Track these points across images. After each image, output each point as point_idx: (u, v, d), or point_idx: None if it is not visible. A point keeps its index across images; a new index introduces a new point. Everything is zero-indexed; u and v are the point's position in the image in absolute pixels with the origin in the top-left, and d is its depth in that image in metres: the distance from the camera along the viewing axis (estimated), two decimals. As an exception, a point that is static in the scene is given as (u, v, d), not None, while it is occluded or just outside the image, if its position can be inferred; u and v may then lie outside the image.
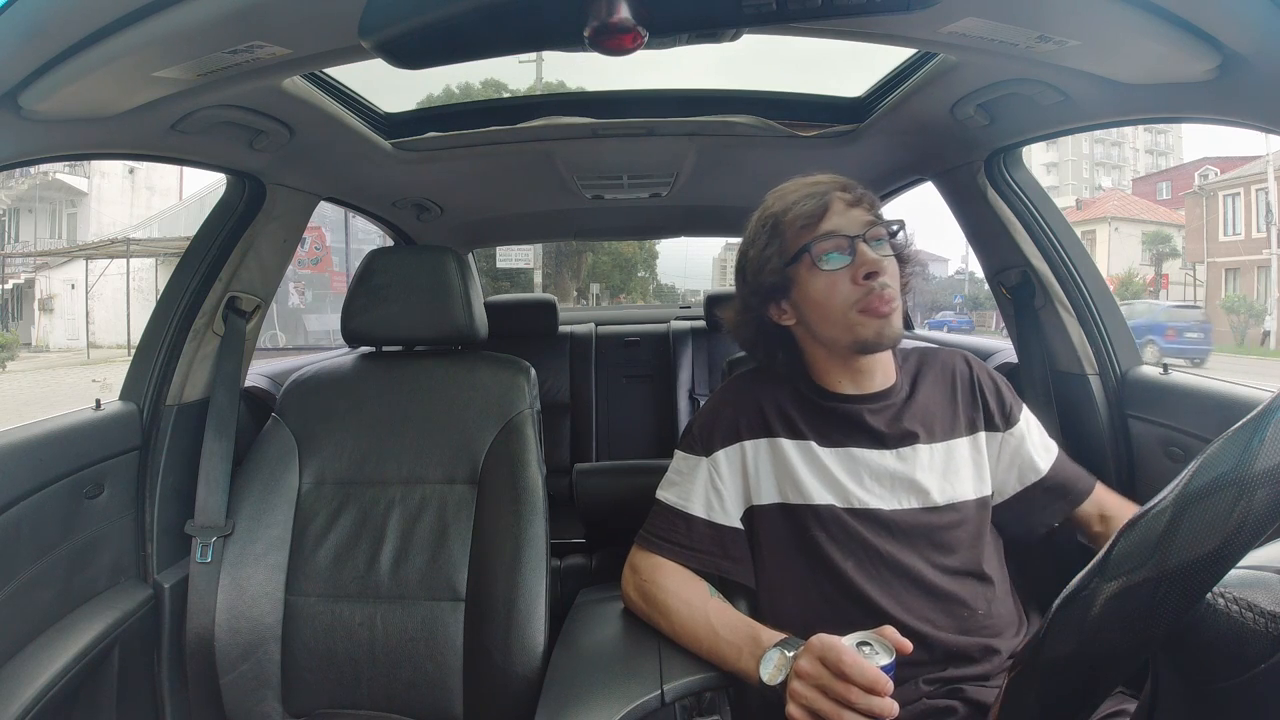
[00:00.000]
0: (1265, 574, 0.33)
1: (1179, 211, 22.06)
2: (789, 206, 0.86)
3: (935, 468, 0.86)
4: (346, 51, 0.79)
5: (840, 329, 0.84)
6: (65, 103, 0.75)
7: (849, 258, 0.83)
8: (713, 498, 0.89)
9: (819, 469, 0.86)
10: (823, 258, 0.83)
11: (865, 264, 0.82)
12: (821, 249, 0.83)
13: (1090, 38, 0.74)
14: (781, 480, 0.87)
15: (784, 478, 0.87)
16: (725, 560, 0.88)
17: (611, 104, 1.27)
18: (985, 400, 0.91)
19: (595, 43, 0.60)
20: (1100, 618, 0.32)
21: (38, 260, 16.96)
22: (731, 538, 0.88)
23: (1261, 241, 17.65)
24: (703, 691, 0.78)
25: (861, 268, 0.82)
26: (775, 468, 0.87)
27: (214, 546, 1.06)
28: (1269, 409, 0.32)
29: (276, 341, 11.95)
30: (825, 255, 0.83)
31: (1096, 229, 22.44)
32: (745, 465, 0.89)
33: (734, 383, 0.96)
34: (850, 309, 0.82)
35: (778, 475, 0.87)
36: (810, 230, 0.84)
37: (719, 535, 0.88)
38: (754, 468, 0.88)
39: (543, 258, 14.94)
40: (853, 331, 0.83)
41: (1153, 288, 21.32)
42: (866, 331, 0.82)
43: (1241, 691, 0.32)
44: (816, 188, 0.87)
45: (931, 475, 0.85)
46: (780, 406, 0.89)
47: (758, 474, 0.88)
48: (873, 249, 0.83)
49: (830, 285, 0.83)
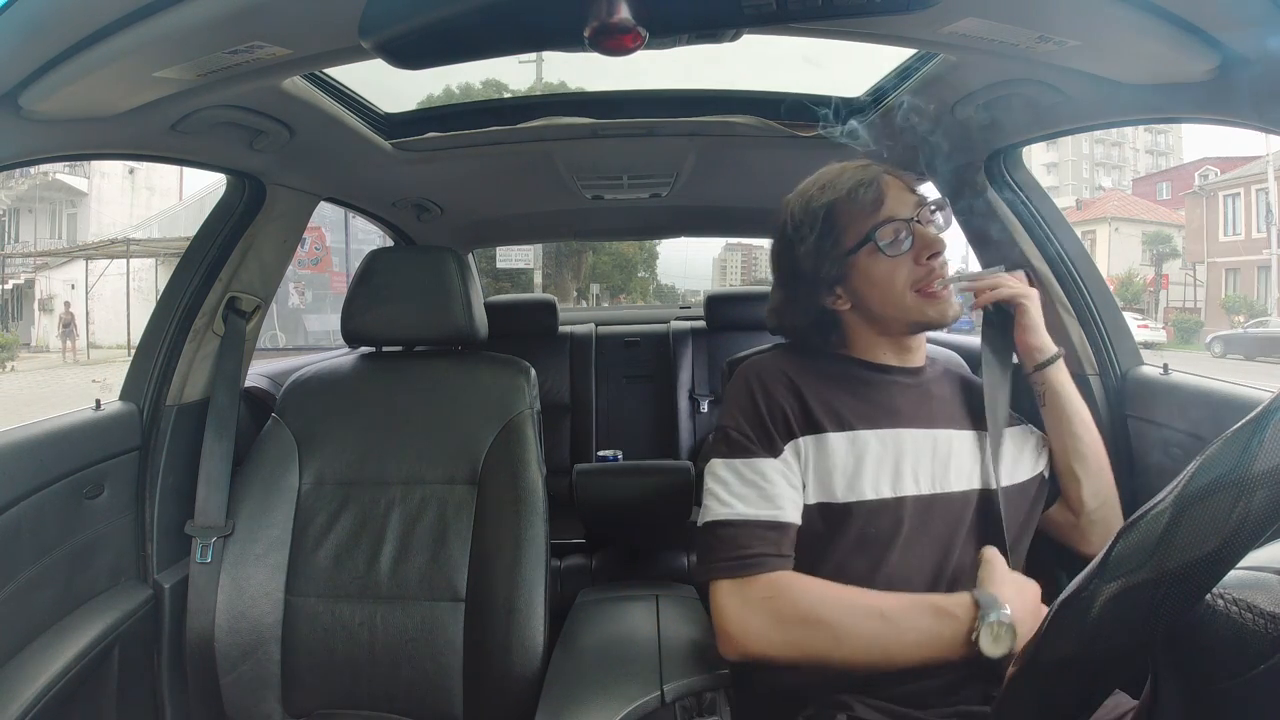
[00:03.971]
0: (1265, 575, 0.33)
1: (1179, 212, 22.05)
2: (843, 195, 0.86)
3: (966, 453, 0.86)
4: (346, 51, 0.79)
5: (900, 310, 0.85)
6: (65, 103, 0.75)
7: (909, 240, 0.84)
8: (796, 498, 0.81)
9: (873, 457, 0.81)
10: (888, 243, 0.84)
11: (927, 245, 0.84)
12: (885, 235, 0.84)
13: (1090, 38, 0.74)
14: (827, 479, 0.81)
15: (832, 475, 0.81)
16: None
17: (611, 104, 1.27)
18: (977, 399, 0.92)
19: (595, 43, 0.60)
20: (1100, 618, 0.32)
21: (38, 260, 16.95)
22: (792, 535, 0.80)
23: (1261, 241, 17.65)
24: (703, 691, 0.78)
25: (924, 250, 0.84)
26: (819, 467, 0.82)
27: (214, 547, 1.06)
28: (1268, 410, 0.32)
29: (276, 341, 11.94)
30: (889, 241, 0.84)
31: (1096, 229, 22.43)
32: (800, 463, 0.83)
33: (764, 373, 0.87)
34: (911, 291, 0.84)
35: (820, 474, 0.81)
36: (872, 217, 0.84)
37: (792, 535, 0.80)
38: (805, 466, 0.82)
39: (543, 258, 14.93)
40: (914, 313, 0.85)
41: (1153, 288, 21.31)
42: (929, 312, 0.84)
43: (1241, 692, 0.32)
44: (865, 173, 0.87)
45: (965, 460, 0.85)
46: (822, 396, 0.84)
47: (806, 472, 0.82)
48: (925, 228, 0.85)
49: (893, 269, 0.84)
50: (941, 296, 0.84)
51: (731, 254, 51.43)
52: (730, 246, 48.59)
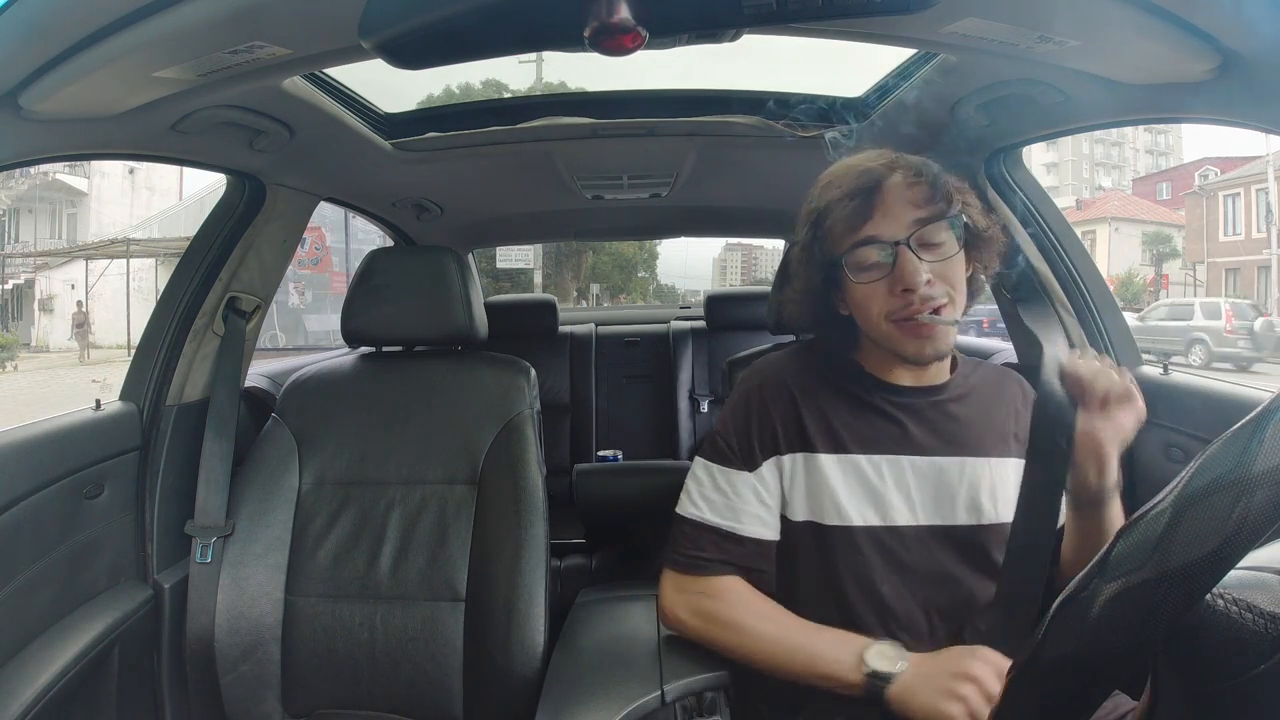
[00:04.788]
0: (1265, 575, 0.33)
1: (1179, 211, 22.07)
2: (831, 205, 0.78)
3: (983, 484, 0.80)
4: (346, 51, 0.79)
5: (878, 338, 0.79)
6: (65, 103, 0.75)
7: (891, 262, 0.75)
8: (763, 513, 0.81)
9: (863, 484, 0.79)
10: (857, 270, 0.77)
11: (903, 278, 0.74)
12: (857, 260, 0.77)
13: (1090, 38, 0.74)
14: (817, 498, 0.80)
15: (821, 496, 0.80)
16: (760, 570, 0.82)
17: (611, 104, 1.27)
18: None
19: (595, 43, 0.60)
20: (1099, 619, 0.32)
21: (38, 260, 16.95)
22: (768, 550, 0.82)
23: (1261, 241, 17.66)
24: (703, 692, 0.78)
25: (899, 283, 0.75)
26: (809, 485, 0.81)
27: (214, 547, 1.06)
28: (1268, 410, 0.32)
29: (276, 342, 11.94)
30: (860, 268, 0.77)
31: (1096, 229, 22.45)
32: (782, 479, 0.82)
33: (757, 388, 0.85)
34: (885, 321, 0.76)
35: (811, 493, 0.81)
36: (852, 234, 0.76)
37: (758, 549, 0.82)
38: (789, 482, 0.82)
39: (543, 258, 14.94)
40: (890, 344, 0.78)
41: (1153, 288, 21.32)
42: (905, 348, 0.77)
43: (1241, 693, 0.32)
44: (865, 178, 0.77)
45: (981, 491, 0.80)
46: (822, 413, 0.82)
47: (792, 489, 0.82)
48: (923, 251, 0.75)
49: (867, 296, 0.77)
50: (923, 333, 0.75)
51: (731, 254, 51.47)
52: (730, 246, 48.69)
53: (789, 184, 1.61)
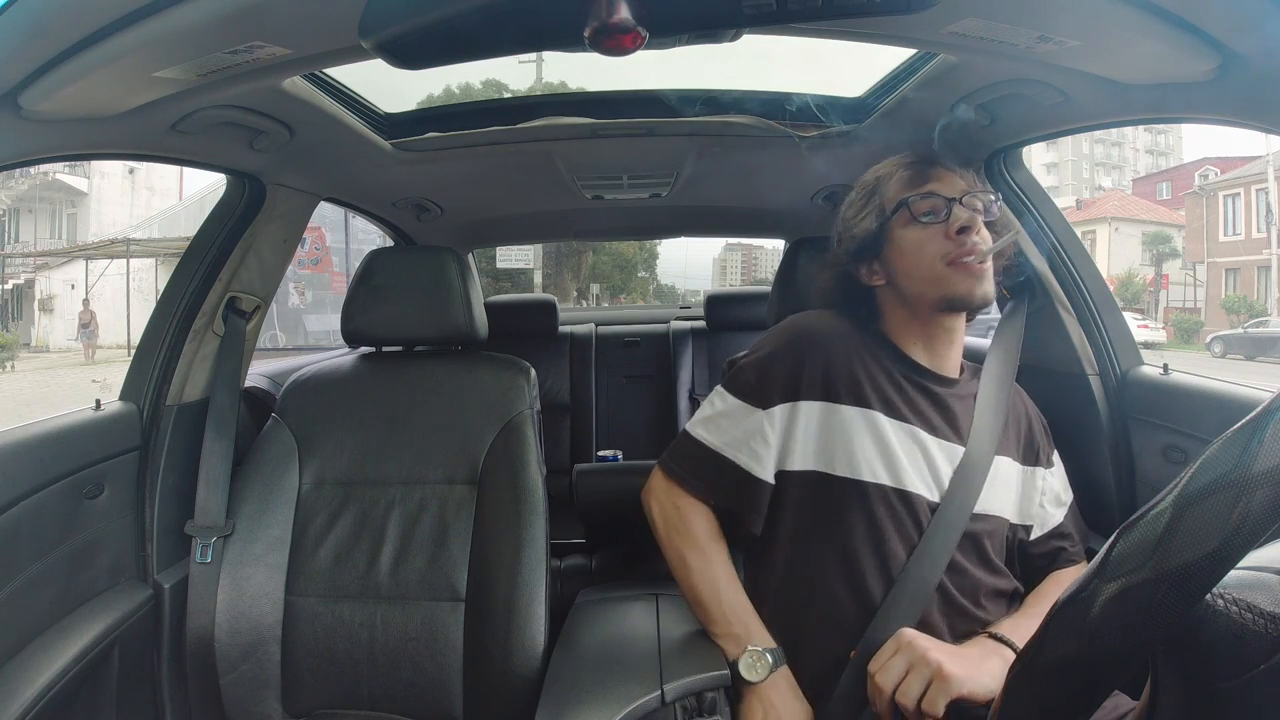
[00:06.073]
0: (1265, 575, 0.33)
1: (1179, 211, 22.06)
2: (893, 171, 0.89)
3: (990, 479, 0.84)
4: (346, 51, 0.79)
5: (929, 283, 0.85)
6: (65, 103, 0.75)
7: (946, 213, 0.85)
8: (759, 449, 0.86)
9: (880, 443, 0.82)
10: (921, 213, 0.85)
11: (958, 220, 0.84)
12: (919, 206, 0.85)
13: (1090, 38, 0.74)
14: (829, 448, 0.83)
15: (834, 445, 0.83)
16: (749, 511, 0.86)
17: (611, 104, 1.27)
18: (1033, 434, 0.92)
19: (595, 43, 0.60)
20: (1100, 619, 0.32)
21: (38, 260, 16.95)
22: (761, 490, 0.86)
23: (1261, 241, 17.65)
24: (703, 692, 0.78)
25: (955, 223, 0.83)
26: (823, 433, 0.84)
27: (214, 547, 1.06)
28: (1268, 410, 0.32)
29: (276, 342, 11.94)
30: (923, 212, 0.85)
31: (1096, 229, 22.44)
32: (793, 425, 0.85)
33: (797, 331, 0.91)
34: (940, 262, 0.83)
35: (824, 441, 0.84)
36: (913, 188, 0.87)
37: (751, 487, 0.86)
38: (801, 430, 0.85)
39: (543, 258, 14.94)
40: (943, 285, 0.84)
41: (1153, 288, 21.32)
42: (959, 287, 0.83)
43: (1241, 692, 0.32)
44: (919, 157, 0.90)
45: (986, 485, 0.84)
46: (849, 368, 0.85)
47: (803, 437, 0.85)
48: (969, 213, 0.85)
49: (923, 239, 0.85)
50: (974, 271, 0.83)
51: (731, 254, 51.44)
52: (730, 246, 48.64)
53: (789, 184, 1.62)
